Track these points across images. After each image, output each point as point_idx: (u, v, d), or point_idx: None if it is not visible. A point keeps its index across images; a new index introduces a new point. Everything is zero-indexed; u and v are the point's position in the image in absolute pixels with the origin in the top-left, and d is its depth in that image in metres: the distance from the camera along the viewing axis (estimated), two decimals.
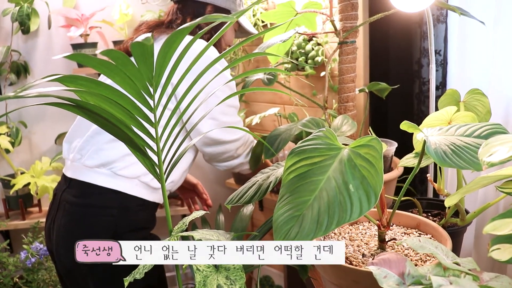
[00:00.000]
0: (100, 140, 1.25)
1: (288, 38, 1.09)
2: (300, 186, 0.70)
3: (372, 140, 0.69)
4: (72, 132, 1.36)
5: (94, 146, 1.26)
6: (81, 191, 1.27)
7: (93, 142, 1.26)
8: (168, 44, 0.58)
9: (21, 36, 2.26)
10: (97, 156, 1.25)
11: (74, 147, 1.32)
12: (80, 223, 1.25)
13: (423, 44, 1.53)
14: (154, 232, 1.38)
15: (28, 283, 2.03)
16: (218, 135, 1.32)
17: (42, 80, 0.56)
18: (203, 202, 1.71)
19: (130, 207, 1.28)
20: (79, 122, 1.36)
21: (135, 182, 1.27)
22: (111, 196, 1.25)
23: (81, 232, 1.25)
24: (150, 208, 1.34)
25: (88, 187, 1.26)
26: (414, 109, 1.61)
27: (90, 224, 1.24)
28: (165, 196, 0.80)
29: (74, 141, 1.34)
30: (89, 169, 1.26)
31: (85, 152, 1.27)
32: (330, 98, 1.79)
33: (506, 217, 0.58)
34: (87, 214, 1.25)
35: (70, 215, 1.26)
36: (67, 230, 1.26)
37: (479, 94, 1.09)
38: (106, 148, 1.24)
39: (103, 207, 1.25)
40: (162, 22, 1.39)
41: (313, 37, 1.78)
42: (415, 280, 0.59)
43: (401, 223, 0.99)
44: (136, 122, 0.69)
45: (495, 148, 0.59)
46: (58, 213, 1.29)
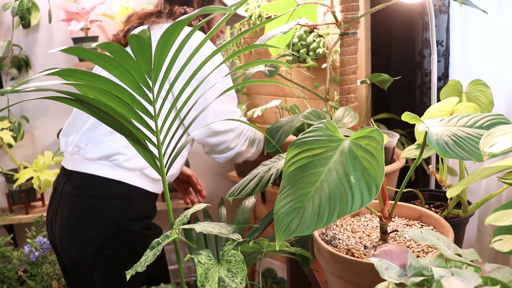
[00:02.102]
0: (99, 133, 1.25)
1: (289, 29, 1.08)
2: (301, 178, 0.69)
3: (373, 131, 0.69)
4: (68, 126, 1.37)
5: (93, 139, 1.26)
6: (83, 182, 1.27)
7: (91, 135, 1.26)
8: (166, 36, 0.57)
9: (22, 31, 2.26)
10: (97, 149, 1.25)
11: (72, 140, 1.32)
12: (84, 214, 1.26)
13: (425, 34, 1.52)
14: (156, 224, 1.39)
15: (32, 277, 2.04)
16: (212, 125, 1.28)
17: (41, 74, 0.56)
18: (198, 193, 1.74)
19: (132, 197, 1.28)
20: (75, 115, 1.36)
21: (136, 173, 1.28)
22: (113, 187, 1.26)
23: (84, 223, 1.25)
24: (151, 198, 1.35)
25: (90, 178, 1.26)
26: (416, 101, 1.60)
27: (93, 214, 1.25)
28: (166, 189, 0.80)
29: (71, 135, 1.34)
30: (90, 161, 1.27)
31: (84, 145, 1.27)
32: (331, 90, 1.78)
33: (508, 208, 0.57)
34: (90, 205, 1.26)
35: (73, 206, 1.27)
36: (71, 221, 1.26)
37: (481, 84, 1.08)
38: (105, 140, 1.24)
39: (106, 198, 1.26)
40: (152, 13, 1.38)
41: (314, 28, 1.77)
42: (417, 271, 0.59)
43: (403, 215, 0.99)
44: (136, 115, 0.69)
45: (497, 139, 0.58)
46: (60, 206, 1.30)
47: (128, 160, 1.25)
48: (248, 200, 1.37)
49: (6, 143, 2.13)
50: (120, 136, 0.76)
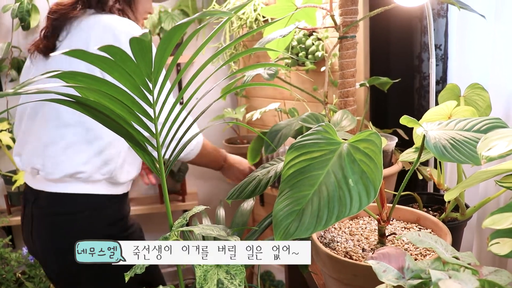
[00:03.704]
0: (52, 152, 1.22)
1: (288, 33, 1.09)
2: (300, 180, 0.70)
3: (371, 135, 0.69)
4: (19, 145, 1.33)
5: (49, 160, 1.23)
6: (50, 201, 1.27)
7: (45, 156, 1.23)
8: (166, 39, 0.58)
9: (22, 33, 2.26)
10: (56, 169, 1.23)
11: (26, 161, 1.29)
12: (58, 231, 1.26)
13: (424, 38, 1.53)
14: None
15: (31, 279, 2.04)
16: None
17: (42, 76, 0.56)
18: None
19: (102, 205, 1.30)
20: (25, 134, 1.31)
21: (102, 182, 1.29)
22: (81, 200, 1.27)
23: (61, 239, 1.26)
24: (121, 199, 1.36)
25: (56, 196, 1.26)
26: (414, 104, 1.61)
27: (67, 230, 1.26)
28: (165, 192, 0.80)
29: (23, 154, 1.31)
30: (55, 181, 1.25)
31: (42, 167, 1.24)
32: (330, 93, 1.79)
33: (505, 211, 0.58)
34: (62, 221, 1.26)
35: (46, 225, 1.27)
36: (48, 239, 1.27)
37: (479, 88, 1.09)
38: (63, 159, 1.22)
39: (75, 213, 1.26)
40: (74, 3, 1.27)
41: (313, 32, 1.78)
42: (415, 274, 0.60)
43: (401, 218, 0.99)
44: (136, 118, 0.69)
45: (494, 143, 0.58)
46: (34, 225, 1.29)
47: (90, 175, 1.24)
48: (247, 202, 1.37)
49: (5, 145, 2.13)
50: (76, 151, 0.76)
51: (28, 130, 1.30)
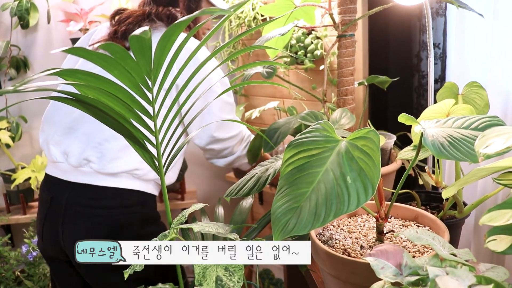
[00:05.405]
0: (113, 148, 1.23)
1: (287, 31, 1.09)
2: (298, 178, 0.70)
3: (369, 132, 0.70)
4: (61, 134, 1.30)
5: (107, 155, 1.23)
6: (97, 194, 1.26)
7: (105, 150, 1.23)
8: (165, 38, 0.58)
9: (21, 31, 2.26)
10: (113, 164, 1.23)
11: (72, 152, 1.26)
12: (106, 225, 1.25)
13: (422, 37, 1.53)
14: None
15: (30, 277, 2.04)
16: (215, 133, 1.34)
17: (41, 74, 0.57)
18: None
19: (148, 202, 1.34)
20: (71, 123, 1.29)
21: (152, 182, 1.34)
22: (132, 195, 1.29)
23: (102, 231, 1.25)
24: (156, 200, 1.42)
25: (105, 190, 1.26)
26: (413, 103, 1.61)
27: (117, 224, 1.26)
28: (164, 190, 0.80)
29: (68, 145, 1.27)
30: (107, 174, 1.25)
31: (96, 159, 1.23)
32: (329, 91, 1.79)
33: (502, 208, 0.58)
34: (112, 215, 1.26)
35: (91, 218, 1.25)
36: (91, 233, 1.24)
37: (477, 87, 1.09)
38: (121, 156, 1.23)
39: (128, 206, 1.28)
40: (144, 14, 1.32)
41: (312, 30, 1.78)
42: (412, 271, 0.60)
43: (399, 216, 0.99)
44: (135, 116, 0.69)
45: (491, 140, 0.59)
46: (68, 219, 1.25)
47: (145, 173, 1.28)
48: (246, 200, 1.37)
49: (4, 143, 2.13)
50: (134, 150, 0.77)
51: (81, 120, 1.27)
